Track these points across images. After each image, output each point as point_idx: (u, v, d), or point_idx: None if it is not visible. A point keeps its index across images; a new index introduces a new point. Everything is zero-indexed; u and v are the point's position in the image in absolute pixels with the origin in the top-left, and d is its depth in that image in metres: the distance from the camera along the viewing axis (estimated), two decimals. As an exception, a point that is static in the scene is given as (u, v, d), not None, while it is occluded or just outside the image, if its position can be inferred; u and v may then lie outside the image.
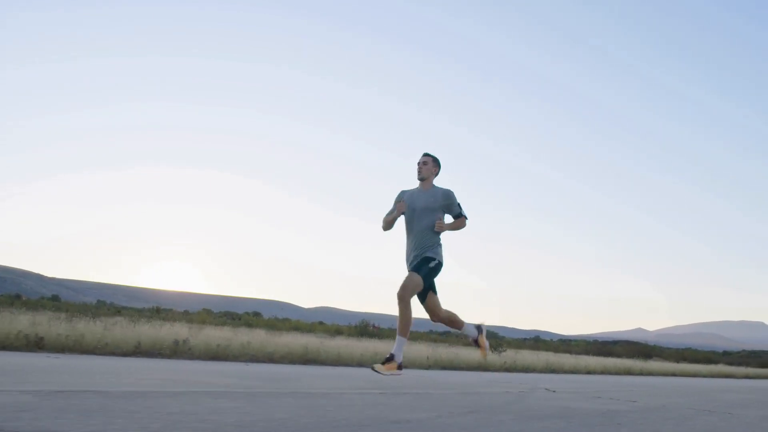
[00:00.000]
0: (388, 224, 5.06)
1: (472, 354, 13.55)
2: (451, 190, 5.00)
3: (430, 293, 4.95)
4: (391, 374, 4.64)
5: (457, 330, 5.18)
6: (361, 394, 4.60)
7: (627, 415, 4.42)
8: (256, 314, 69.88)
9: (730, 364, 42.13)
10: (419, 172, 5.03)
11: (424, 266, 4.78)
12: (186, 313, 44.42)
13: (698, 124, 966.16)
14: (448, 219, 5.03)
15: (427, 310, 5.00)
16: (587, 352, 39.89)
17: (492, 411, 4.11)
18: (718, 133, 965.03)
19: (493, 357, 15.77)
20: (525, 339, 73.53)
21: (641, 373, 19.06)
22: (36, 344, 6.90)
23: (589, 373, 16.45)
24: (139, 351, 7.58)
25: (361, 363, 9.90)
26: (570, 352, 36.28)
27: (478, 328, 5.25)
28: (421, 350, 14.15)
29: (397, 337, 4.75)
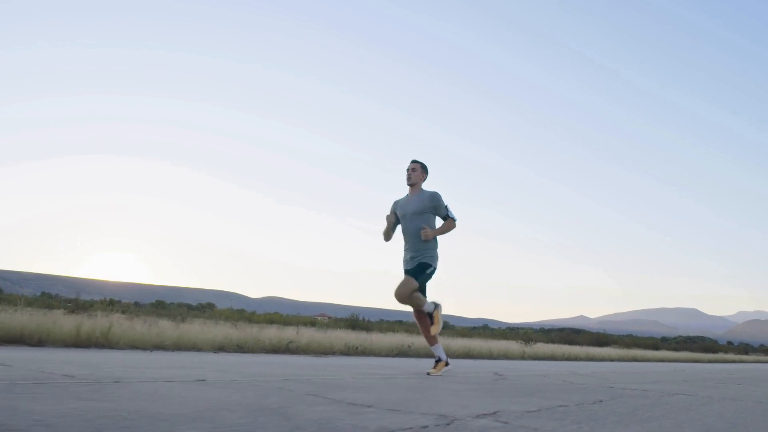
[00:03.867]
0: (386, 236, 5.28)
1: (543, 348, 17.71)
2: (438, 192, 5.11)
3: None
4: (441, 373, 5.19)
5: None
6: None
7: None
8: (210, 305, 69.64)
9: (673, 350, 46.75)
10: (408, 178, 5.16)
11: (421, 273, 5.00)
12: (202, 309, 46.86)
13: (641, 115, 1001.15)
14: (438, 222, 5.19)
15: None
16: (552, 341, 44.01)
17: (732, 382, 7.49)
18: (658, 123, 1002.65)
19: (543, 348, 20.08)
20: (474, 327, 75.13)
21: (647, 360, 23.72)
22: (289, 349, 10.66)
23: (611, 360, 20.86)
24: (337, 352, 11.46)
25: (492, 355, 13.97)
26: (535, 341, 38.99)
27: (435, 305, 5.34)
28: (510, 346, 18.29)
29: (432, 347, 5.30)
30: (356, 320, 37.10)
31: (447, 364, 5.26)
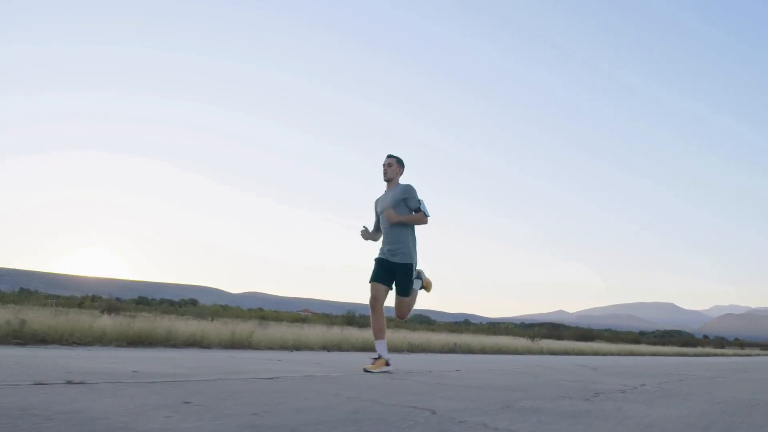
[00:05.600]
0: (372, 239, 5.29)
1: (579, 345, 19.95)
2: (411, 185, 5.07)
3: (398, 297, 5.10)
4: (380, 371, 4.77)
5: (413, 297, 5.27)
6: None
7: None
8: (193, 301, 68.94)
9: (653, 344, 48.56)
10: (384, 173, 5.12)
11: (411, 281, 5.03)
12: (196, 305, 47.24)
13: (623, 110, 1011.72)
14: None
15: (395, 305, 5.14)
16: (540, 336, 45.55)
17: None
18: (637, 117, 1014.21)
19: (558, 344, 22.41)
20: (456, 322, 74.70)
21: (642, 354, 26.16)
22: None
23: (612, 355, 23.26)
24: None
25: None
26: (521, 336, 40.56)
27: (418, 275, 5.28)
28: (521, 342, 20.59)
29: (377, 342, 4.96)
30: (353, 316, 38.54)
31: (387, 364, 4.91)
